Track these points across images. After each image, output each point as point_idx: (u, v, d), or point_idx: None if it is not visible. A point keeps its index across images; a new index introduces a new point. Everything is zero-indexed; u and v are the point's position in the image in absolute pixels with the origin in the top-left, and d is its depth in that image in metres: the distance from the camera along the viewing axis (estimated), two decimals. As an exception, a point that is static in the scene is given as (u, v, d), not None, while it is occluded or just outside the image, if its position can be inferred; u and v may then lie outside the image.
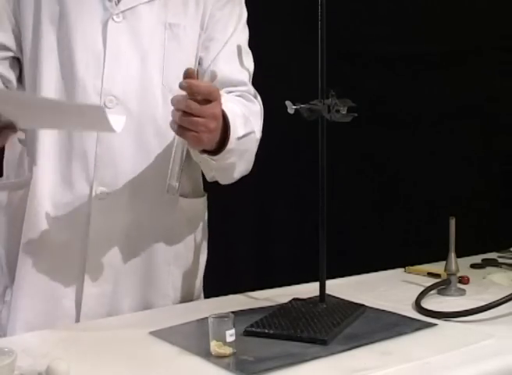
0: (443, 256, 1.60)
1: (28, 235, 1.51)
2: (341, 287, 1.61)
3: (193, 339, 1.35)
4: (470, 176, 2.76)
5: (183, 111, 1.30)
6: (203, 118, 1.30)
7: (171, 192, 1.36)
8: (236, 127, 1.41)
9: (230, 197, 1.87)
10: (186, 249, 1.63)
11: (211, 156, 1.43)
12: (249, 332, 1.34)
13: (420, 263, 1.79)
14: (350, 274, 1.75)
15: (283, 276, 2.33)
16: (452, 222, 1.57)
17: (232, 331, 1.24)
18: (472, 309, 1.41)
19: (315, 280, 1.49)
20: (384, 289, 1.64)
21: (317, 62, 1.41)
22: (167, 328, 1.38)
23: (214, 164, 1.46)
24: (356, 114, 1.40)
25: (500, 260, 1.86)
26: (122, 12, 1.51)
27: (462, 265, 1.64)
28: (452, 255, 1.59)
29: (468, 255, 1.85)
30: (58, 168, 1.52)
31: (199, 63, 1.59)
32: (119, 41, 1.51)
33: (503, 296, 1.42)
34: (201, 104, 1.29)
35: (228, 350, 1.24)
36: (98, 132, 1.47)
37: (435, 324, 1.39)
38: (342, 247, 2.45)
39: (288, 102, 1.39)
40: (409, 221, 2.73)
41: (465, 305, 1.43)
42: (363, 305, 1.48)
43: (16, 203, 1.55)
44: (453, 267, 1.59)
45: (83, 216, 1.52)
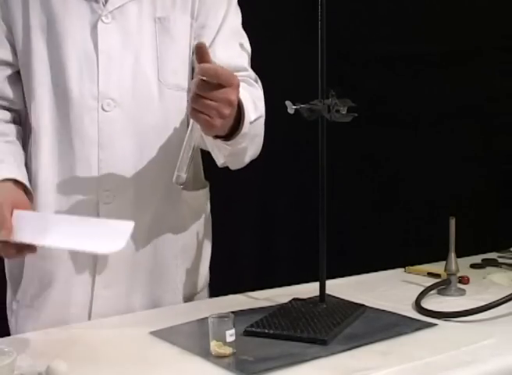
0: (443, 256, 1.60)
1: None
2: (341, 287, 1.61)
3: (193, 339, 1.35)
4: (470, 176, 2.75)
5: (196, 93, 1.27)
6: (215, 102, 1.27)
7: (179, 183, 1.32)
8: (249, 112, 1.39)
9: (231, 197, 1.87)
10: (191, 241, 1.63)
11: (224, 142, 1.40)
12: (249, 332, 1.34)
13: (420, 263, 1.79)
14: (350, 274, 1.75)
15: (283, 276, 2.34)
16: (452, 222, 1.57)
17: (232, 331, 1.24)
18: (472, 309, 1.41)
19: (315, 280, 1.49)
20: (384, 289, 1.64)
21: (317, 62, 1.41)
22: (167, 328, 1.38)
23: (227, 149, 1.43)
24: (356, 114, 1.40)
25: (500, 260, 1.86)
26: (110, 13, 1.50)
27: (462, 265, 1.64)
28: (452, 255, 1.59)
29: (468, 255, 1.85)
30: (61, 176, 1.51)
31: (193, 52, 1.55)
32: (111, 42, 1.51)
33: (503, 296, 1.42)
34: (215, 88, 1.26)
35: (228, 350, 1.24)
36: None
37: (435, 324, 1.40)
38: (342, 247, 2.46)
39: (288, 102, 1.39)
40: (409, 221, 2.73)
41: (465, 305, 1.43)
42: (363, 305, 1.48)
43: None
44: (453, 267, 1.59)
45: None
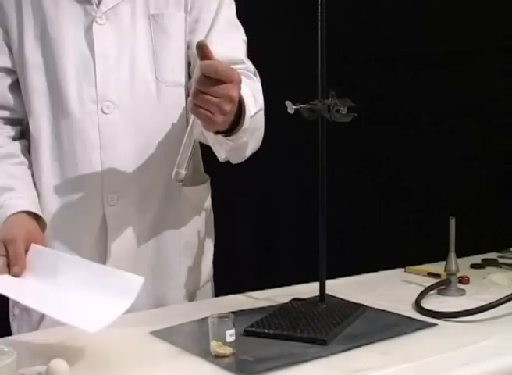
0: (443, 256, 1.60)
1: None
2: (341, 287, 1.61)
3: (193, 339, 1.35)
4: (470, 176, 2.75)
5: (198, 89, 1.26)
6: (216, 98, 1.26)
7: (178, 179, 1.32)
8: (249, 106, 1.39)
9: (230, 198, 1.87)
10: (194, 237, 1.64)
11: (225, 137, 1.40)
12: (249, 332, 1.34)
13: (420, 263, 1.79)
14: (350, 274, 1.75)
15: (283, 276, 2.34)
16: (452, 222, 1.57)
17: (232, 331, 1.24)
18: (472, 309, 1.41)
19: (315, 280, 1.49)
20: (384, 289, 1.64)
21: (317, 62, 1.41)
22: (167, 328, 1.38)
23: (228, 144, 1.43)
24: (356, 114, 1.40)
25: (500, 260, 1.86)
26: (104, 14, 1.50)
27: (462, 265, 1.64)
28: (452, 255, 1.59)
29: (468, 255, 1.85)
30: (64, 182, 1.52)
31: (188, 47, 1.56)
32: (106, 44, 1.50)
33: (503, 296, 1.42)
34: (216, 84, 1.25)
35: (228, 350, 1.24)
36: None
37: (435, 324, 1.39)
38: (342, 247, 2.46)
39: (288, 102, 1.39)
40: (409, 221, 2.73)
41: (465, 305, 1.43)
42: (363, 305, 1.48)
43: None
44: (453, 267, 1.59)
45: (97, 225, 1.52)
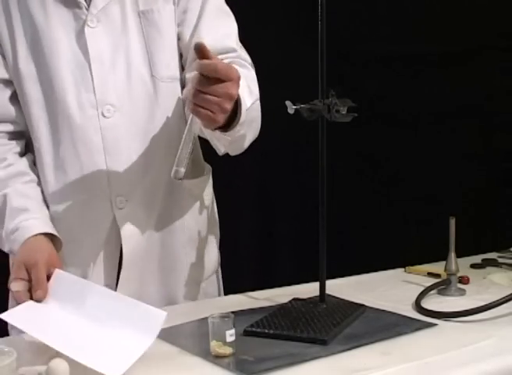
0: (443, 256, 1.60)
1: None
2: (341, 287, 1.61)
3: (193, 339, 1.35)
4: (470, 175, 2.76)
5: (197, 89, 1.26)
6: (216, 97, 1.26)
7: (177, 177, 1.32)
8: (245, 99, 1.38)
9: (230, 198, 1.87)
10: (198, 227, 1.64)
11: (223, 132, 1.39)
12: (249, 332, 1.34)
13: (420, 263, 1.79)
14: (350, 274, 1.74)
15: (283, 276, 2.34)
16: (452, 222, 1.57)
17: (232, 331, 1.24)
18: (472, 309, 1.41)
19: (315, 280, 1.49)
20: (384, 289, 1.64)
21: (317, 62, 1.41)
22: (167, 328, 1.38)
23: (227, 140, 1.42)
24: (356, 114, 1.40)
25: (500, 260, 1.86)
26: (94, 16, 1.49)
27: (462, 265, 1.64)
28: (452, 255, 1.59)
29: (468, 255, 1.85)
30: (71, 189, 1.51)
31: (178, 38, 1.55)
32: (100, 46, 1.49)
33: (503, 296, 1.42)
34: (215, 83, 1.25)
35: (228, 350, 1.24)
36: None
37: (435, 324, 1.39)
38: (342, 247, 2.46)
39: (288, 102, 1.39)
40: (409, 221, 2.73)
41: (465, 305, 1.43)
42: (363, 305, 1.48)
43: None
44: (453, 267, 1.59)
45: (108, 229, 1.53)
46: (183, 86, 1.55)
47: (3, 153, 1.53)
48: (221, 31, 1.54)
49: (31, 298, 1.37)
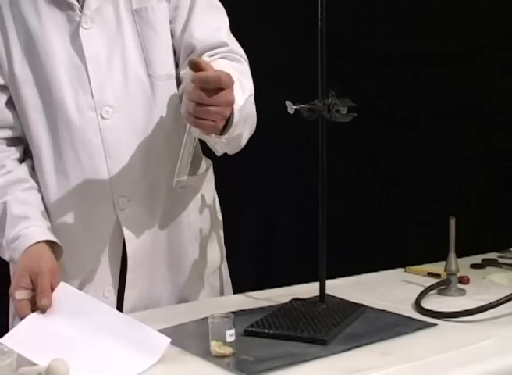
0: (443, 256, 1.60)
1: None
2: (341, 287, 1.61)
3: (193, 339, 1.35)
4: (470, 175, 2.76)
5: (197, 102, 1.26)
6: (217, 106, 1.27)
7: (180, 187, 1.33)
8: (237, 99, 1.36)
9: (230, 198, 1.87)
10: (203, 223, 1.65)
11: (219, 136, 1.39)
12: (249, 332, 1.34)
13: (420, 263, 1.79)
14: (350, 274, 1.74)
15: (283, 276, 2.34)
16: (452, 222, 1.57)
17: (232, 331, 1.24)
18: (472, 309, 1.41)
19: (315, 280, 1.49)
20: (384, 289, 1.64)
21: (317, 62, 1.41)
22: (167, 328, 1.38)
23: (223, 142, 1.41)
24: (356, 114, 1.40)
25: (500, 260, 1.86)
26: (88, 17, 1.48)
27: (462, 265, 1.64)
28: (452, 255, 1.58)
29: (468, 255, 1.85)
30: (73, 193, 1.51)
31: (172, 35, 1.54)
32: (96, 47, 1.49)
33: (503, 296, 1.42)
34: (214, 93, 1.25)
35: (228, 350, 1.24)
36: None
37: (435, 324, 1.39)
38: (342, 247, 2.45)
39: (288, 102, 1.39)
40: (409, 221, 2.73)
41: (465, 305, 1.43)
42: (363, 305, 1.48)
43: None
44: (453, 267, 1.59)
45: (112, 230, 1.52)
46: (179, 83, 1.55)
47: (2, 160, 1.52)
48: (212, 26, 1.54)
49: (33, 309, 1.36)
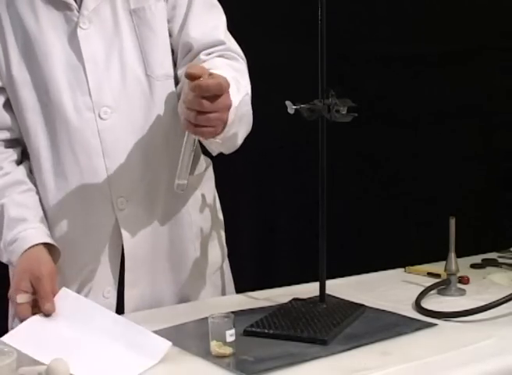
0: (443, 256, 1.60)
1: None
2: (341, 287, 1.61)
3: (193, 339, 1.35)
4: (470, 175, 2.76)
5: (198, 110, 1.26)
6: (217, 112, 1.28)
7: (180, 189, 1.33)
8: (232, 99, 1.35)
9: (230, 198, 1.87)
10: (204, 222, 1.65)
11: (214, 136, 1.38)
12: (249, 332, 1.34)
13: (420, 263, 1.79)
14: (350, 274, 1.74)
15: (283, 276, 2.34)
16: (452, 222, 1.57)
17: (232, 331, 1.24)
18: (472, 309, 1.41)
19: (315, 280, 1.49)
20: (384, 289, 1.64)
21: (317, 62, 1.41)
22: (167, 328, 1.38)
23: (219, 143, 1.41)
24: (356, 114, 1.40)
25: (500, 260, 1.86)
26: (86, 17, 1.47)
27: (462, 265, 1.64)
28: (452, 255, 1.59)
29: (468, 255, 1.85)
30: (72, 194, 1.51)
31: (170, 35, 1.54)
32: (94, 48, 1.48)
33: (503, 296, 1.42)
34: (214, 99, 1.26)
35: (228, 350, 1.24)
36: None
37: (435, 324, 1.39)
38: (342, 247, 2.45)
39: (288, 102, 1.39)
40: (409, 221, 2.73)
41: (465, 305, 1.43)
42: (363, 305, 1.48)
43: None
44: (453, 267, 1.59)
45: (111, 231, 1.52)
46: (177, 82, 1.55)
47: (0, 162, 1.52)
48: (209, 25, 1.54)
49: (33, 312, 1.36)
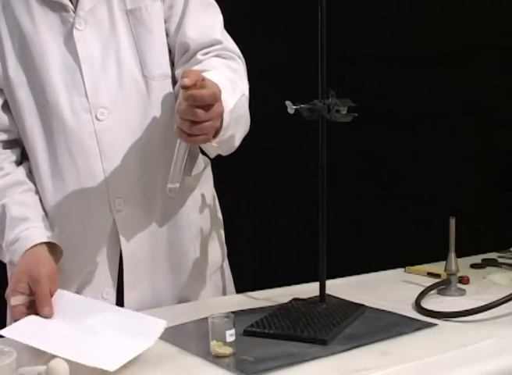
0: (443, 256, 1.60)
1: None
2: (341, 287, 1.61)
3: (193, 339, 1.35)
4: (470, 175, 2.76)
5: (192, 120, 1.27)
6: (210, 121, 1.29)
7: (172, 193, 1.35)
8: (227, 101, 1.36)
9: (230, 198, 1.87)
10: (203, 222, 1.65)
11: (210, 141, 1.39)
12: (249, 332, 1.34)
13: (420, 263, 1.79)
14: (350, 274, 1.74)
15: (283, 276, 2.34)
16: (452, 222, 1.57)
17: (232, 331, 1.24)
18: (472, 309, 1.41)
19: (315, 280, 1.49)
20: (384, 289, 1.64)
21: (317, 63, 1.41)
22: (167, 328, 1.38)
23: (215, 146, 1.42)
24: (356, 114, 1.40)
25: (500, 260, 1.86)
26: (82, 18, 1.47)
27: (462, 265, 1.64)
28: (452, 255, 1.59)
29: (468, 255, 1.85)
30: (70, 195, 1.50)
31: (167, 35, 1.54)
32: (90, 49, 1.48)
33: (503, 296, 1.42)
34: (207, 108, 1.27)
35: (228, 350, 1.24)
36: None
37: (435, 324, 1.39)
38: (342, 247, 2.45)
39: (288, 102, 1.39)
40: (409, 221, 2.73)
41: (465, 305, 1.43)
42: (363, 305, 1.48)
43: None
44: (453, 267, 1.59)
45: (109, 232, 1.52)
46: (175, 82, 1.55)
47: (0, 162, 1.52)
48: (206, 24, 1.54)
49: (29, 313, 1.36)
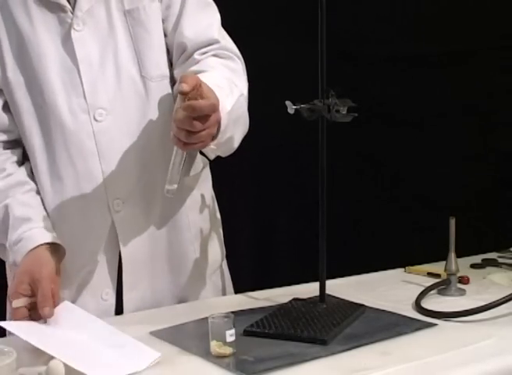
0: (443, 256, 1.60)
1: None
2: (341, 287, 1.61)
3: (193, 339, 1.35)
4: (470, 175, 2.75)
5: (190, 130, 1.27)
6: (208, 129, 1.29)
7: (170, 194, 1.35)
8: (224, 103, 1.35)
9: (230, 198, 1.87)
10: (202, 222, 1.65)
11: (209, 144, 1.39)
12: (249, 332, 1.34)
13: (420, 263, 1.79)
14: (350, 274, 1.74)
15: (283, 276, 2.34)
16: (452, 222, 1.57)
17: (232, 331, 1.24)
18: (472, 309, 1.41)
19: (315, 280, 1.49)
20: (384, 289, 1.64)
21: (317, 62, 1.41)
22: (167, 328, 1.38)
23: (214, 148, 1.42)
24: (356, 114, 1.40)
25: (500, 260, 1.86)
26: (80, 19, 1.47)
27: (462, 265, 1.64)
28: (452, 255, 1.58)
29: (468, 255, 1.85)
30: (68, 196, 1.50)
31: (165, 35, 1.54)
32: (88, 49, 1.48)
33: (503, 296, 1.42)
34: (205, 119, 1.27)
35: (228, 350, 1.24)
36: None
37: (435, 324, 1.39)
38: (342, 247, 2.45)
39: (288, 102, 1.39)
40: (409, 221, 2.73)
41: (465, 305, 1.43)
42: (363, 305, 1.48)
43: None
44: (453, 267, 1.59)
45: (107, 232, 1.52)
46: (174, 83, 1.55)
47: (1, 163, 1.52)
48: (203, 24, 1.53)
49: (30, 314, 1.37)
